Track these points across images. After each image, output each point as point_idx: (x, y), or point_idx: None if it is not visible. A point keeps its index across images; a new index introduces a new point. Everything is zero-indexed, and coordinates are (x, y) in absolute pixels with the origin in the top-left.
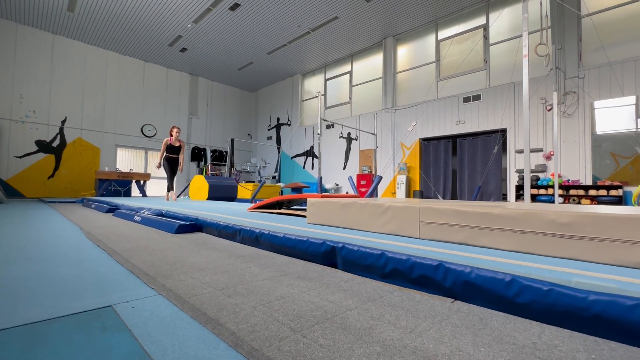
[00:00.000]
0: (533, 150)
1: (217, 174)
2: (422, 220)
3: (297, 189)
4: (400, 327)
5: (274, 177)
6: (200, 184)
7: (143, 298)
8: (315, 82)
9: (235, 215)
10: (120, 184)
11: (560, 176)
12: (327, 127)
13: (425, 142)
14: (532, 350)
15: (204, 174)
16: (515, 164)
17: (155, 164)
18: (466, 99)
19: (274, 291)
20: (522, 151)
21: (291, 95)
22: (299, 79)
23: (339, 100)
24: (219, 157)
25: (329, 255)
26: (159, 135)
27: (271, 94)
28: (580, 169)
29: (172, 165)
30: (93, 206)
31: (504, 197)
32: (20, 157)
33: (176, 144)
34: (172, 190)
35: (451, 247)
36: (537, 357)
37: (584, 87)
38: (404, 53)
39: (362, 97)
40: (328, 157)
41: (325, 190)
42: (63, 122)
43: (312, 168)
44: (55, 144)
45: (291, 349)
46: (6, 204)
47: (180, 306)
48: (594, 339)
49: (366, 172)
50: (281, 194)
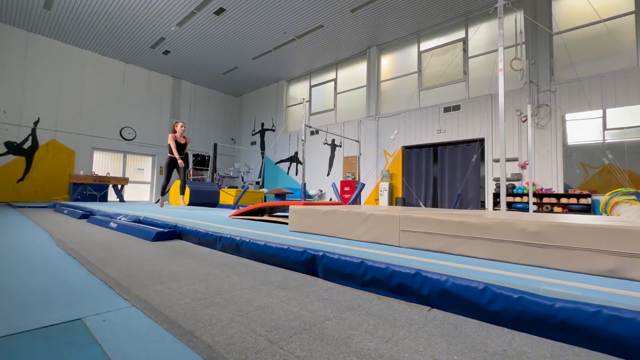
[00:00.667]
0: (509, 160)
1: (199, 179)
2: (402, 229)
3: (281, 195)
4: (377, 337)
5: (257, 183)
6: None
7: (115, 310)
8: (300, 89)
9: (216, 222)
10: (96, 189)
11: (534, 184)
12: (312, 133)
13: (407, 150)
14: (503, 357)
15: (186, 178)
16: (493, 173)
17: (134, 167)
18: (447, 109)
19: (252, 301)
20: (499, 160)
21: (276, 100)
22: (284, 84)
23: (324, 107)
24: (202, 161)
25: (309, 263)
26: (138, 139)
27: (256, 99)
28: (552, 178)
29: (176, 167)
30: (66, 211)
31: (482, 205)
32: None
33: (182, 140)
34: (162, 196)
35: (429, 256)
36: None
37: (556, 100)
38: (388, 62)
39: (347, 104)
40: (312, 163)
41: (309, 197)
42: (36, 123)
43: (297, 174)
44: (26, 145)
45: None
46: None
47: (154, 318)
48: (560, 345)
49: (350, 179)
50: (265, 200)
